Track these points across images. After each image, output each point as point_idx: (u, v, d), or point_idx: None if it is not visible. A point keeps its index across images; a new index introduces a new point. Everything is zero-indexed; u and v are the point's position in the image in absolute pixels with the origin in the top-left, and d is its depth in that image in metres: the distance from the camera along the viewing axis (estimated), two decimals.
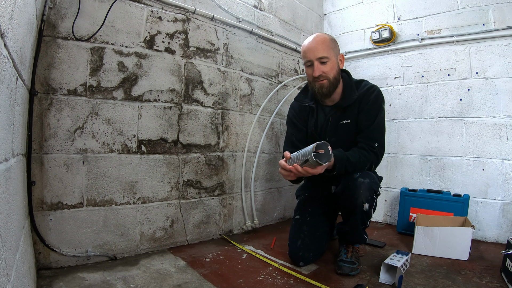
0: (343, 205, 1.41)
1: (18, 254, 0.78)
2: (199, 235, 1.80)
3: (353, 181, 1.33)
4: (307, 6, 2.57)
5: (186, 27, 1.72)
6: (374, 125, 1.41)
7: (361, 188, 1.31)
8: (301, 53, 1.45)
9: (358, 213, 1.33)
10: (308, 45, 1.40)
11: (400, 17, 2.24)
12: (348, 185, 1.34)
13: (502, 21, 1.80)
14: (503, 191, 1.79)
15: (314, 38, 1.41)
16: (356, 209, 1.32)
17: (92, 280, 1.21)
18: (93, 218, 1.40)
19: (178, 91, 1.69)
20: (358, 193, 1.31)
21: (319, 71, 1.38)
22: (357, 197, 1.31)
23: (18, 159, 0.94)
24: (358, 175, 1.33)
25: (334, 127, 1.48)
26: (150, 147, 1.58)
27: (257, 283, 1.27)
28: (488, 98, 1.86)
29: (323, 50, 1.38)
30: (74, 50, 1.34)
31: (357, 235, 1.42)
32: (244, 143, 2.05)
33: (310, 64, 1.41)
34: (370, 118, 1.41)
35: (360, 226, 1.38)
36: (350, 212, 1.36)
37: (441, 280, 1.28)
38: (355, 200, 1.31)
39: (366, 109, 1.42)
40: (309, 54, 1.39)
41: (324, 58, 1.38)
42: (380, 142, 1.41)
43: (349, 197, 1.33)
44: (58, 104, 1.31)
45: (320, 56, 1.37)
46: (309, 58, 1.39)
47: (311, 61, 1.39)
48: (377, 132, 1.42)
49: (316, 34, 1.43)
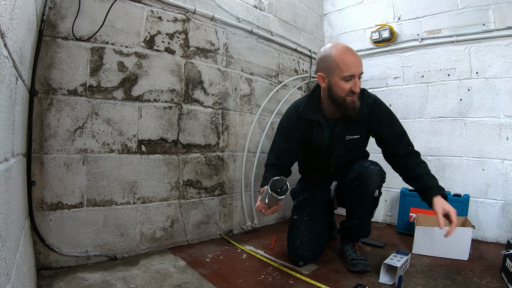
0: (353, 195, 1.42)
1: (18, 254, 0.78)
2: (199, 235, 1.80)
3: (365, 169, 1.38)
4: (307, 6, 2.57)
5: (186, 27, 1.72)
6: (400, 131, 1.43)
7: (374, 175, 1.37)
8: (339, 64, 1.27)
9: (369, 200, 1.39)
10: (352, 58, 1.28)
11: (400, 17, 2.24)
12: (360, 173, 1.38)
13: (502, 21, 1.80)
14: (503, 191, 1.79)
15: (352, 51, 1.31)
16: (367, 196, 1.38)
17: (92, 280, 1.21)
18: (93, 218, 1.40)
19: (178, 91, 1.69)
20: (371, 180, 1.36)
21: (359, 86, 1.30)
22: (370, 183, 1.36)
23: (18, 159, 0.94)
24: (369, 163, 1.40)
25: (342, 140, 1.45)
26: (150, 147, 1.58)
27: (257, 283, 1.27)
28: (488, 98, 1.86)
29: (362, 65, 1.32)
30: (74, 50, 1.34)
31: (365, 227, 1.46)
32: (244, 143, 2.05)
33: (350, 78, 1.29)
34: (394, 128, 1.43)
35: (369, 215, 1.44)
36: (361, 200, 1.40)
37: (441, 280, 1.28)
38: (367, 187, 1.36)
39: (385, 122, 1.42)
40: (354, 69, 1.27)
41: (361, 74, 1.32)
42: (411, 142, 1.43)
43: (361, 185, 1.37)
44: (58, 104, 1.31)
45: (361, 71, 1.31)
46: (353, 73, 1.28)
47: (354, 75, 1.28)
48: (405, 135, 1.43)
49: (347, 46, 1.32)
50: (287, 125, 1.49)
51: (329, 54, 1.30)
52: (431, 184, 1.28)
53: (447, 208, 1.19)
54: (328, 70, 1.31)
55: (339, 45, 1.32)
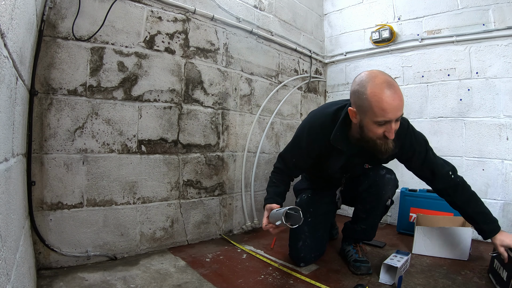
0: (366, 201, 1.42)
1: (18, 254, 0.78)
2: (199, 235, 1.80)
3: (381, 177, 1.38)
4: (307, 6, 2.57)
5: (186, 27, 1.72)
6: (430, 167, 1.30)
7: (390, 184, 1.37)
8: (373, 107, 1.05)
9: (380, 208, 1.40)
10: (391, 101, 1.03)
11: (400, 17, 2.23)
12: (375, 182, 1.38)
13: (502, 21, 1.80)
14: (503, 191, 1.79)
15: (394, 89, 1.04)
16: (380, 204, 1.38)
17: (92, 280, 1.21)
18: (93, 218, 1.40)
19: (178, 91, 1.69)
20: (386, 189, 1.36)
21: (395, 131, 1.10)
22: (385, 192, 1.37)
23: (18, 159, 0.94)
24: (384, 172, 1.40)
25: (359, 168, 1.40)
26: (150, 147, 1.58)
27: (257, 283, 1.27)
28: (488, 98, 1.86)
29: (403, 107, 1.08)
30: (74, 50, 1.34)
31: (372, 232, 1.47)
32: (244, 143, 2.05)
33: (385, 123, 1.07)
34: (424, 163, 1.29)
35: (377, 222, 1.45)
36: (373, 207, 1.40)
37: (441, 280, 1.28)
38: (382, 196, 1.37)
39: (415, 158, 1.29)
40: (391, 114, 1.05)
41: (400, 116, 1.10)
42: (444, 163, 1.32)
43: (376, 193, 1.37)
44: (58, 104, 1.31)
45: (400, 114, 1.08)
46: (389, 118, 1.05)
47: (390, 121, 1.07)
48: (436, 163, 1.30)
49: (392, 82, 1.06)
50: (306, 142, 1.32)
51: (363, 91, 1.07)
52: (484, 228, 1.26)
53: (507, 244, 1.18)
54: (360, 109, 1.11)
55: (377, 80, 1.06)
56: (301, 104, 2.49)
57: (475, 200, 1.29)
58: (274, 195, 1.32)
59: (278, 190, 1.36)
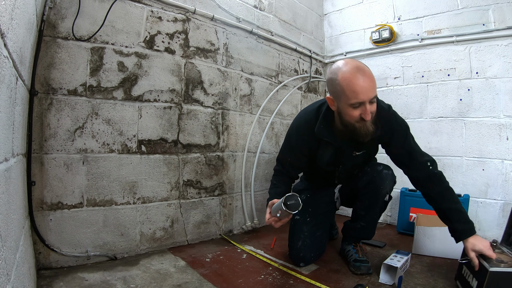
0: (364, 198, 1.42)
1: (18, 254, 0.78)
2: (199, 235, 1.80)
3: (379, 173, 1.39)
4: (307, 6, 2.57)
5: (186, 27, 1.72)
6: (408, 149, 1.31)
7: (387, 179, 1.38)
8: (345, 90, 1.11)
9: (379, 204, 1.40)
10: (360, 83, 1.09)
11: (400, 17, 2.23)
12: (373, 178, 1.39)
13: (502, 21, 1.80)
14: (503, 191, 1.79)
15: (362, 72, 1.11)
16: (378, 200, 1.39)
17: (92, 280, 1.21)
18: (93, 218, 1.40)
19: (178, 91, 1.69)
20: (384, 185, 1.37)
21: (370, 114, 1.14)
22: (383, 188, 1.37)
23: (18, 159, 0.94)
24: (382, 167, 1.41)
25: (349, 157, 1.40)
26: (150, 147, 1.58)
27: (257, 283, 1.27)
28: (488, 98, 1.86)
29: (374, 88, 1.13)
30: (74, 50, 1.34)
31: (371, 229, 1.47)
32: (244, 143, 2.05)
33: (359, 105, 1.12)
34: (404, 146, 1.31)
35: (377, 219, 1.45)
36: (371, 204, 1.40)
37: (441, 280, 1.28)
38: (380, 191, 1.38)
39: (394, 140, 1.31)
40: (363, 95, 1.10)
41: (374, 98, 1.14)
42: (424, 154, 1.33)
43: (374, 189, 1.38)
44: (58, 104, 1.31)
45: (373, 96, 1.12)
46: (362, 100, 1.10)
47: (363, 102, 1.11)
48: (414, 152, 1.31)
49: (362, 66, 1.13)
50: (296, 140, 1.39)
51: (335, 77, 1.14)
52: (457, 227, 1.19)
53: (479, 249, 1.10)
54: (335, 95, 1.18)
55: (347, 66, 1.12)
56: (301, 104, 2.49)
57: (452, 197, 1.25)
58: (275, 194, 1.33)
59: (278, 190, 1.37)
